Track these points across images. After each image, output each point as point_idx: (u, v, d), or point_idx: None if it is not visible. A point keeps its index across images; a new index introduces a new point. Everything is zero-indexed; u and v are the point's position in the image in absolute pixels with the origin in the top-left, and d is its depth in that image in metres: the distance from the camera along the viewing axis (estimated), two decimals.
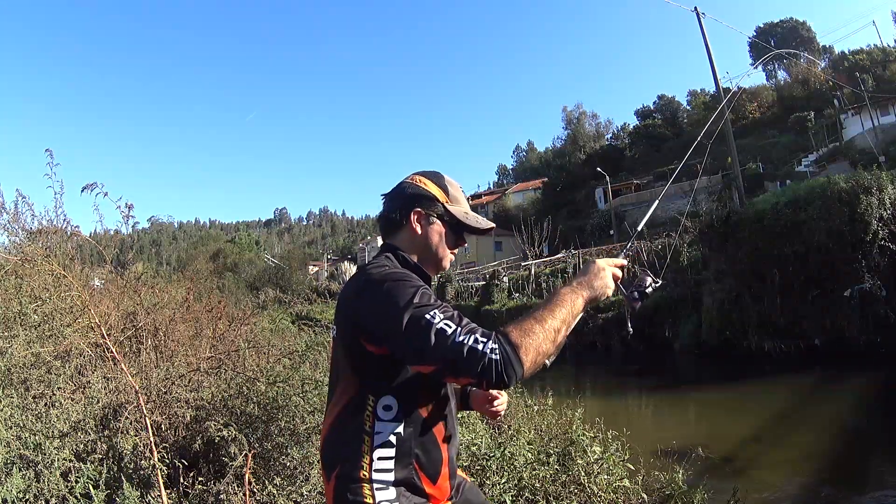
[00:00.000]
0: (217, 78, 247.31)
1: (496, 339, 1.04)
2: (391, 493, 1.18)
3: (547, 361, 1.14)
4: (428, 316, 1.07)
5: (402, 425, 1.20)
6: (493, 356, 1.02)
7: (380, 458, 1.18)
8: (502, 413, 1.56)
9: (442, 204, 1.39)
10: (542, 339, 1.08)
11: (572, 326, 1.19)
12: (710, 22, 20.32)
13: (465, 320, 1.09)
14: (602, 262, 1.30)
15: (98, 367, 2.76)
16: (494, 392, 1.49)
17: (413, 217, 1.36)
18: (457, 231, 1.41)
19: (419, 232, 1.36)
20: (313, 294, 35.08)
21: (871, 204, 10.90)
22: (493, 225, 1.46)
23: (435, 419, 1.26)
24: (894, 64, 41.02)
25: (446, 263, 1.42)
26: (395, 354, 1.15)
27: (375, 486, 1.17)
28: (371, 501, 1.16)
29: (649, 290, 1.36)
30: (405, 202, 1.38)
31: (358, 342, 1.19)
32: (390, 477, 1.18)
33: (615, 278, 1.30)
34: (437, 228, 1.38)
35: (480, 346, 1.03)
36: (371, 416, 1.19)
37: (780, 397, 8.88)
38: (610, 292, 1.28)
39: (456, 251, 1.44)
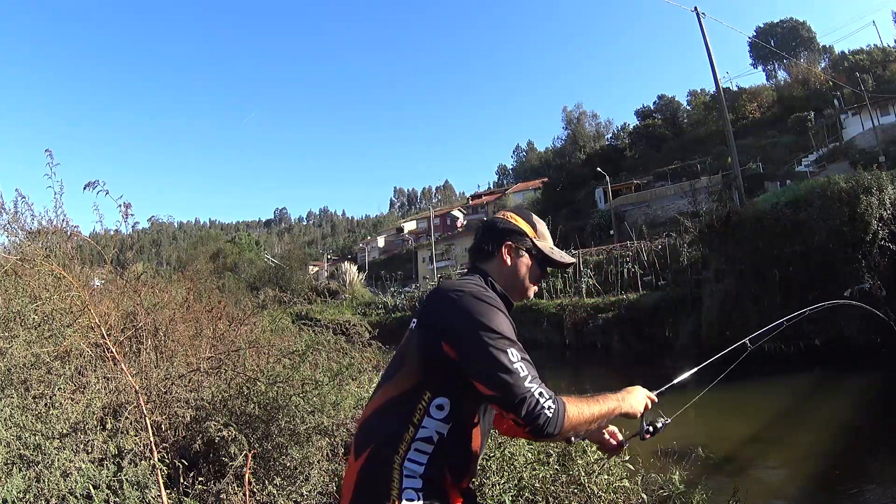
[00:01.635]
0: (217, 78, 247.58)
1: (556, 400, 1.21)
2: (417, 482, 1.23)
3: (571, 437, 1.35)
4: (510, 351, 1.22)
5: (448, 427, 1.28)
6: (547, 413, 1.18)
7: (417, 451, 1.26)
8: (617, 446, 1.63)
9: (531, 239, 1.52)
10: (582, 420, 1.26)
11: (601, 425, 1.38)
12: (710, 22, 20.35)
13: (534, 370, 1.24)
14: (643, 392, 1.51)
15: (98, 367, 2.76)
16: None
17: (504, 249, 1.49)
18: (542, 264, 1.54)
19: (508, 263, 1.49)
20: (313, 294, 35.05)
21: (871, 204, 10.90)
22: (574, 261, 1.59)
23: (476, 429, 1.35)
24: (894, 64, 41.04)
25: (530, 294, 1.55)
26: (464, 366, 1.25)
27: (405, 472, 1.24)
28: (396, 485, 1.22)
29: (661, 428, 1.58)
30: (497, 235, 1.51)
31: (439, 342, 1.28)
32: (420, 469, 1.25)
33: (646, 407, 1.50)
34: (525, 261, 1.51)
35: (542, 400, 1.19)
36: (422, 410, 1.27)
37: (780, 397, 8.88)
38: (639, 414, 1.47)
39: (539, 284, 1.57)
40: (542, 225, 1.57)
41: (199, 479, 2.45)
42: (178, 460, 2.38)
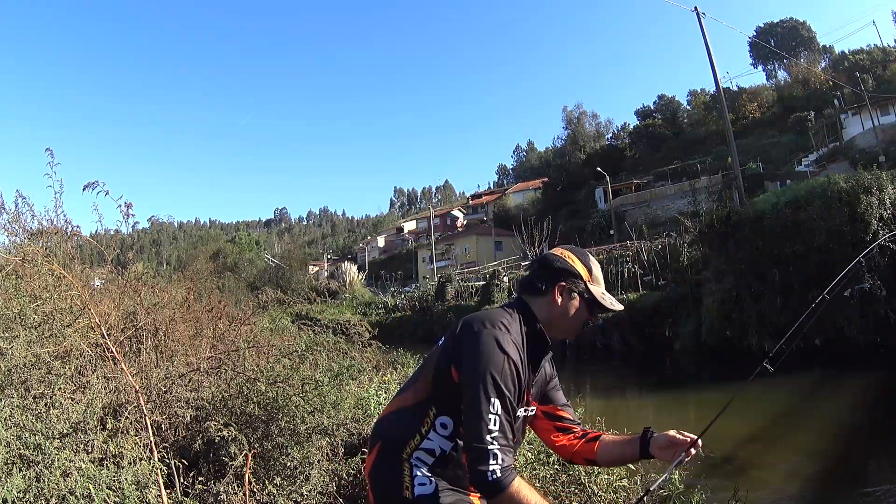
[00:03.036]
0: (217, 78, 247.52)
1: (506, 471, 1.21)
2: (426, 471, 1.34)
3: None
4: (495, 402, 1.24)
5: (451, 445, 1.35)
6: (489, 477, 1.20)
7: (419, 458, 1.35)
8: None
9: (584, 282, 1.51)
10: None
11: None
12: (710, 22, 20.36)
13: (508, 432, 1.25)
14: None
15: (98, 367, 2.76)
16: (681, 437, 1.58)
17: (557, 289, 1.49)
18: (591, 308, 1.53)
19: (559, 304, 1.49)
20: (313, 294, 35.05)
21: (871, 204, 10.90)
22: (622, 307, 1.59)
23: None
24: (894, 64, 41.01)
25: (572, 336, 1.56)
26: (461, 392, 1.31)
27: (414, 463, 1.34)
28: (408, 474, 1.33)
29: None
30: (552, 274, 1.51)
31: (449, 364, 1.35)
32: (426, 468, 1.35)
33: None
34: (575, 303, 1.51)
35: (492, 460, 1.20)
36: (429, 424, 1.36)
37: (780, 397, 8.88)
38: None
39: (585, 327, 1.58)
40: (597, 268, 1.56)
41: (199, 479, 2.44)
42: (178, 460, 2.38)
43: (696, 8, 16.44)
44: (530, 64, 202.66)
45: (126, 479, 2.07)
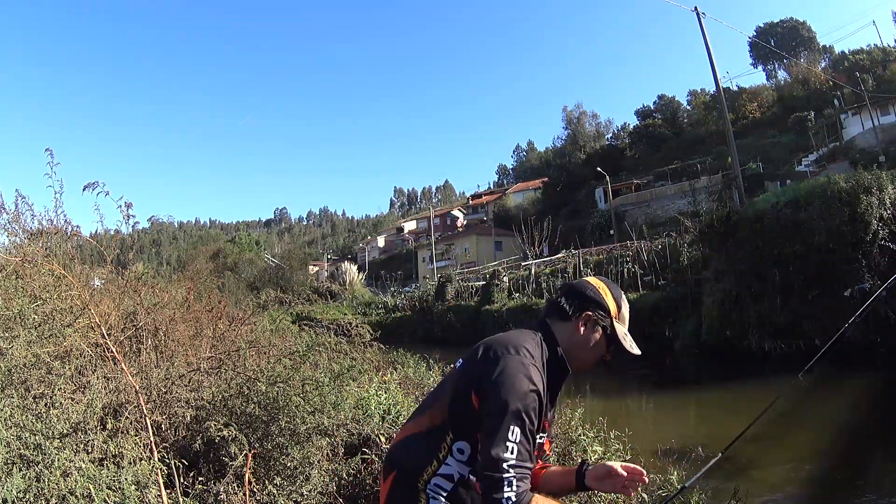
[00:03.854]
0: (217, 78, 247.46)
1: (521, 498, 1.19)
2: (443, 500, 1.32)
3: None
4: (515, 430, 1.22)
5: (468, 470, 1.33)
6: (503, 502, 1.18)
7: (437, 485, 1.33)
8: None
9: (611, 317, 1.49)
10: None
11: None
12: (710, 22, 20.36)
13: (526, 460, 1.23)
14: None
15: (98, 367, 2.76)
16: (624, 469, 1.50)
17: (582, 317, 1.47)
18: (610, 346, 1.51)
19: (581, 332, 1.47)
20: (314, 294, 35.06)
21: (871, 204, 10.90)
22: (640, 352, 1.54)
23: None
24: (894, 64, 41.00)
25: (585, 368, 1.52)
26: (481, 418, 1.29)
27: (430, 493, 1.32)
28: (424, 503, 1.31)
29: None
30: (581, 302, 1.49)
31: (469, 390, 1.32)
32: (443, 495, 1.33)
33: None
34: (597, 336, 1.49)
35: (506, 490, 1.18)
36: (446, 449, 1.34)
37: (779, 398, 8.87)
38: None
39: (600, 362, 1.55)
40: (626, 306, 1.54)
41: (199, 479, 2.44)
42: (178, 460, 2.38)
43: (696, 8, 16.45)
44: (530, 64, 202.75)
45: (126, 479, 2.07)
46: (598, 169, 38.74)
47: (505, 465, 1.19)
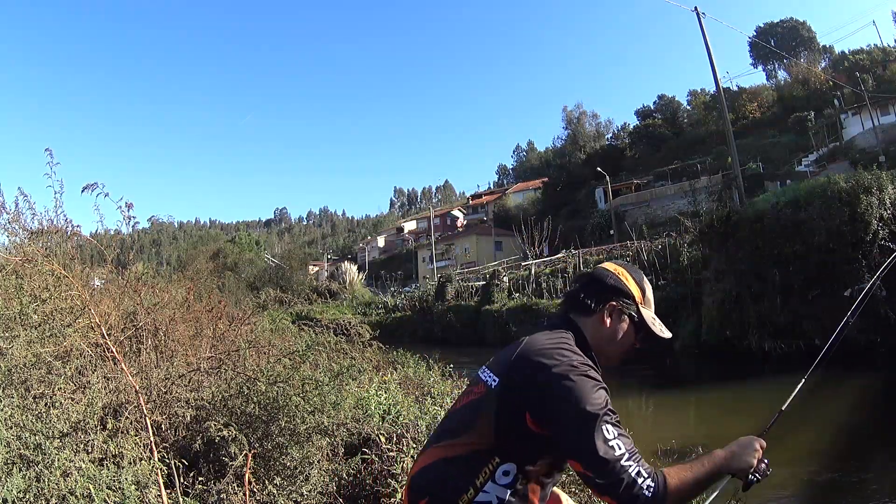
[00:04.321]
0: (217, 77, 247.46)
1: (655, 478, 1.12)
2: None
3: None
4: (606, 428, 1.14)
5: (508, 493, 1.23)
6: (646, 493, 1.10)
7: None
8: None
9: (637, 304, 1.41)
10: (688, 489, 1.16)
11: (712, 487, 1.28)
12: (710, 22, 20.35)
13: (632, 443, 1.16)
14: (753, 442, 1.32)
15: (98, 367, 2.76)
16: None
17: (607, 309, 1.39)
18: (639, 334, 1.43)
19: (607, 325, 1.39)
20: (313, 294, 35.08)
21: (871, 204, 10.90)
22: (670, 335, 1.47)
23: (535, 497, 1.29)
24: (894, 64, 41.01)
25: (615, 362, 1.43)
26: (559, 443, 1.20)
27: None
28: None
29: (764, 473, 1.37)
30: (604, 292, 1.40)
31: (523, 413, 1.21)
32: None
33: (758, 458, 1.32)
34: (624, 326, 1.40)
35: (640, 480, 1.10)
36: (487, 474, 1.22)
37: (780, 397, 8.86)
38: (752, 468, 1.30)
39: (631, 353, 1.46)
40: (649, 290, 1.46)
41: (199, 479, 2.45)
42: (178, 460, 2.38)
43: (696, 8, 16.45)
44: (530, 64, 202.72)
45: (126, 479, 2.07)
46: (598, 169, 38.75)
47: (621, 463, 1.12)
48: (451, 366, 6.20)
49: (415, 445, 2.85)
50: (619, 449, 1.13)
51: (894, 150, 26.31)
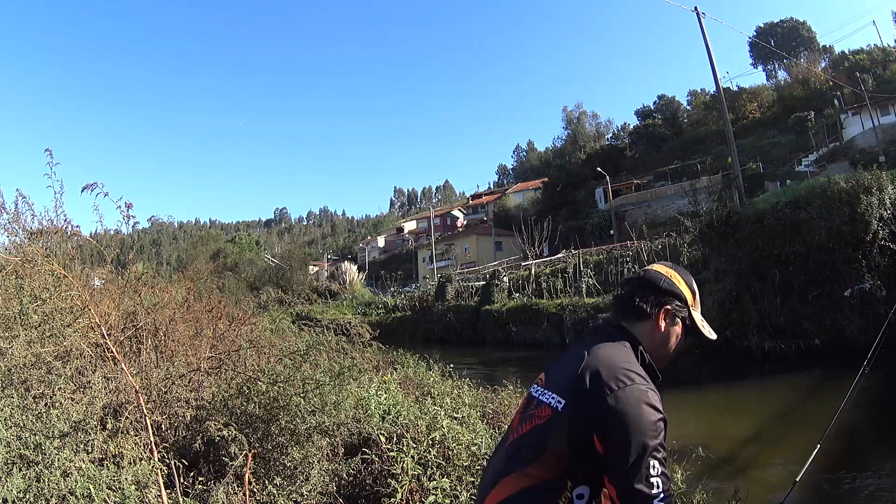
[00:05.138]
0: (218, 77, 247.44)
1: None
2: None
3: None
4: (654, 463, 1.16)
5: None
6: None
7: None
8: None
9: (688, 307, 1.41)
10: None
11: None
12: (710, 22, 20.36)
13: (670, 485, 1.18)
14: None
15: (98, 367, 2.76)
16: None
17: (662, 313, 1.38)
18: (688, 334, 1.43)
19: (662, 329, 1.38)
20: (313, 294, 35.09)
21: (872, 204, 10.90)
22: (716, 337, 1.47)
23: None
24: (894, 64, 41.01)
25: (667, 364, 1.42)
26: (605, 460, 1.20)
27: None
28: None
29: None
30: (658, 296, 1.39)
31: (591, 434, 1.21)
32: None
33: None
34: (677, 330, 1.40)
35: None
36: (567, 499, 1.22)
37: (780, 397, 8.88)
38: None
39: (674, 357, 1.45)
40: (697, 290, 1.47)
41: (199, 479, 2.45)
42: (178, 460, 2.38)
43: (696, 8, 16.45)
44: (531, 64, 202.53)
45: (126, 479, 2.07)
46: (598, 169, 38.77)
47: (655, 502, 1.14)
48: (451, 366, 6.21)
49: (415, 445, 2.85)
50: (657, 488, 1.15)
51: (894, 150, 26.30)
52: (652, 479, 1.14)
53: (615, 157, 49.02)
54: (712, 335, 1.44)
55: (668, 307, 1.38)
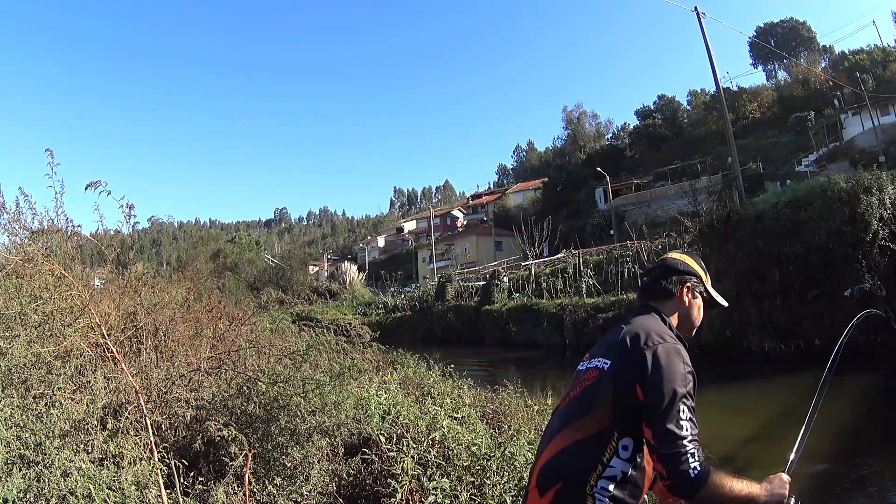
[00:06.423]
0: (217, 78, 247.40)
1: (704, 465, 1.30)
2: (609, 502, 1.34)
3: None
4: (684, 408, 1.33)
5: (631, 467, 1.38)
6: (693, 474, 1.28)
7: (602, 488, 1.34)
8: None
9: (704, 283, 1.66)
10: (723, 492, 1.31)
11: None
12: (710, 22, 20.37)
13: (698, 430, 1.34)
14: (784, 479, 1.52)
15: (98, 367, 2.76)
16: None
17: (684, 290, 1.62)
18: (706, 306, 1.68)
19: (685, 304, 1.62)
20: (313, 294, 35.09)
21: (871, 204, 10.90)
22: (727, 304, 1.74)
23: (649, 467, 1.43)
24: (894, 64, 41.00)
25: (692, 334, 1.66)
26: (643, 408, 1.36)
27: (598, 497, 1.33)
28: None
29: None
30: (680, 276, 1.64)
31: (634, 385, 1.38)
32: (607, 499, 1.34)
33: (787, 493, 1.47)
34: (698, 302, 1.65)
35: (692, 460, 1.29)
36: (612, 450, 1.37)
37: (780, 397, 8.88)
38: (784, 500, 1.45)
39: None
40: (706, 269, 1.70)
41: (199, 479, 2.45)
42: (178, 460, 2.38)
43: (696, 8, 16.46)
44: (530, 64, 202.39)
45: (126, 479, 2.07)
46: (598, 169, 38.74)
47: (684, 441, 1.29)
48: (451, 366, 6.21)
49: (415, 445, 2.85)
50: (686, 430, 1.30)
51: (894, 150, 26.31)
52: (682, 423, 1.30)
53: (615, 157, 49.01)
54: (724, 303, 1.69)
55: (689, 284, 1.62)
